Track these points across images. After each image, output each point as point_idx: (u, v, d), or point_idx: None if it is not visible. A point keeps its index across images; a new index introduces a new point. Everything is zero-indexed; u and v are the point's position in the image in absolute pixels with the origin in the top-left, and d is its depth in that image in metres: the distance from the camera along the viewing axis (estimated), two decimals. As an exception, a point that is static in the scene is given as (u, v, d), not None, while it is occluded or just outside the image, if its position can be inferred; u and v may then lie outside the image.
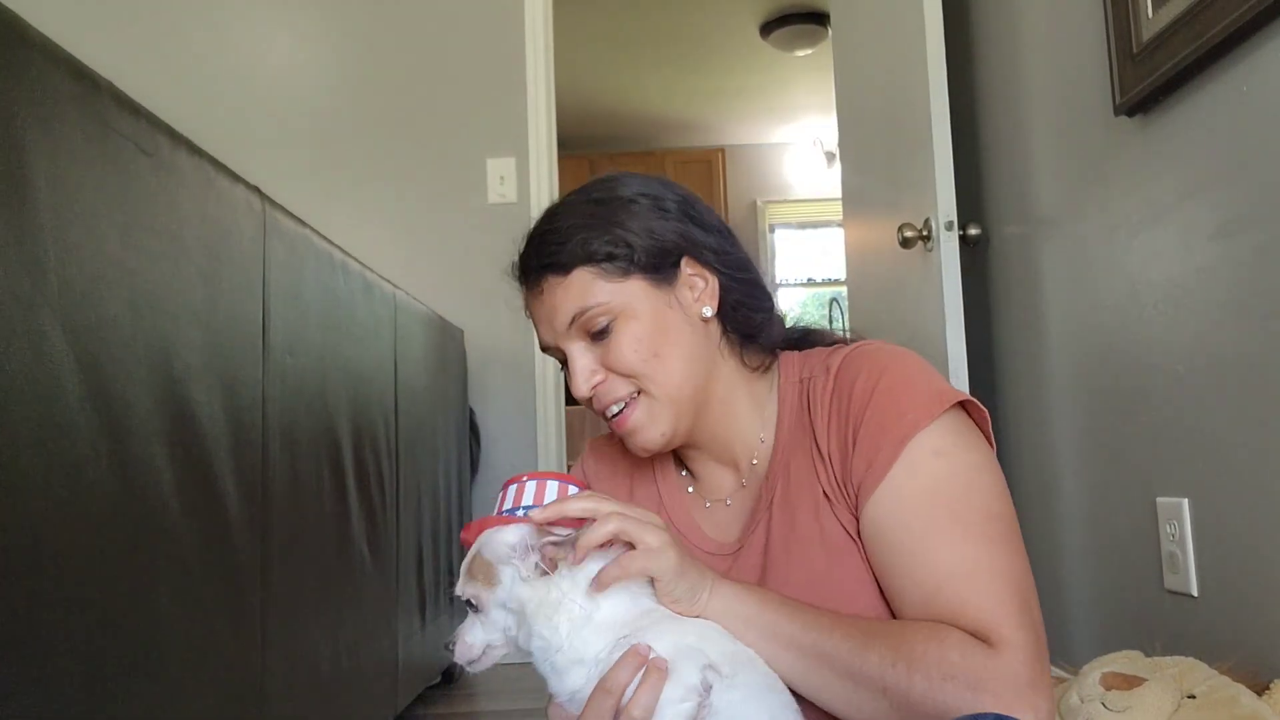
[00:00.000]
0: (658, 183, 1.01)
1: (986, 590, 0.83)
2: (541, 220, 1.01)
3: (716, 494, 1.04)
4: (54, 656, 0.81)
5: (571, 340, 0.96)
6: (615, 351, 0.94)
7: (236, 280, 1.21)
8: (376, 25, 3.29)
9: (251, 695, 1.22)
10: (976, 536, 0.85)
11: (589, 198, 0.99)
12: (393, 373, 2.01)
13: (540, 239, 0.98)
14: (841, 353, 0.98)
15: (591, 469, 1.13)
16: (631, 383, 0.95)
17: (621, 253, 0.94)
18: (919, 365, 0.95)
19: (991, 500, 0.88)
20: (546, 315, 0.96)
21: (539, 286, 0.97)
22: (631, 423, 0.96)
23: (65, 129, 0.86)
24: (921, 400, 0.90)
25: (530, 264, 0.98)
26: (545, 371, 3.14)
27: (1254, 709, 1.12)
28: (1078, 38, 1.88)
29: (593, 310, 0.93)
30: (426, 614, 2.27)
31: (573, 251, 0.94)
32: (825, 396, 0.95)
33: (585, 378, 0.95)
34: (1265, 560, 1.40)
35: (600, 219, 0.95)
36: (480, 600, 0.83)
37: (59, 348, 0.82)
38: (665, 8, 4.84)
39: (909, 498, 0.87)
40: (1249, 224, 1.42)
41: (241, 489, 1.19)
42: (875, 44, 2.55)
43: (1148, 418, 1.69)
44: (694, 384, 0.97)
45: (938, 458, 0.88)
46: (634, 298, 0.94)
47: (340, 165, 3.23)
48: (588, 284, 0.94)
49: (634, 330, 0.94)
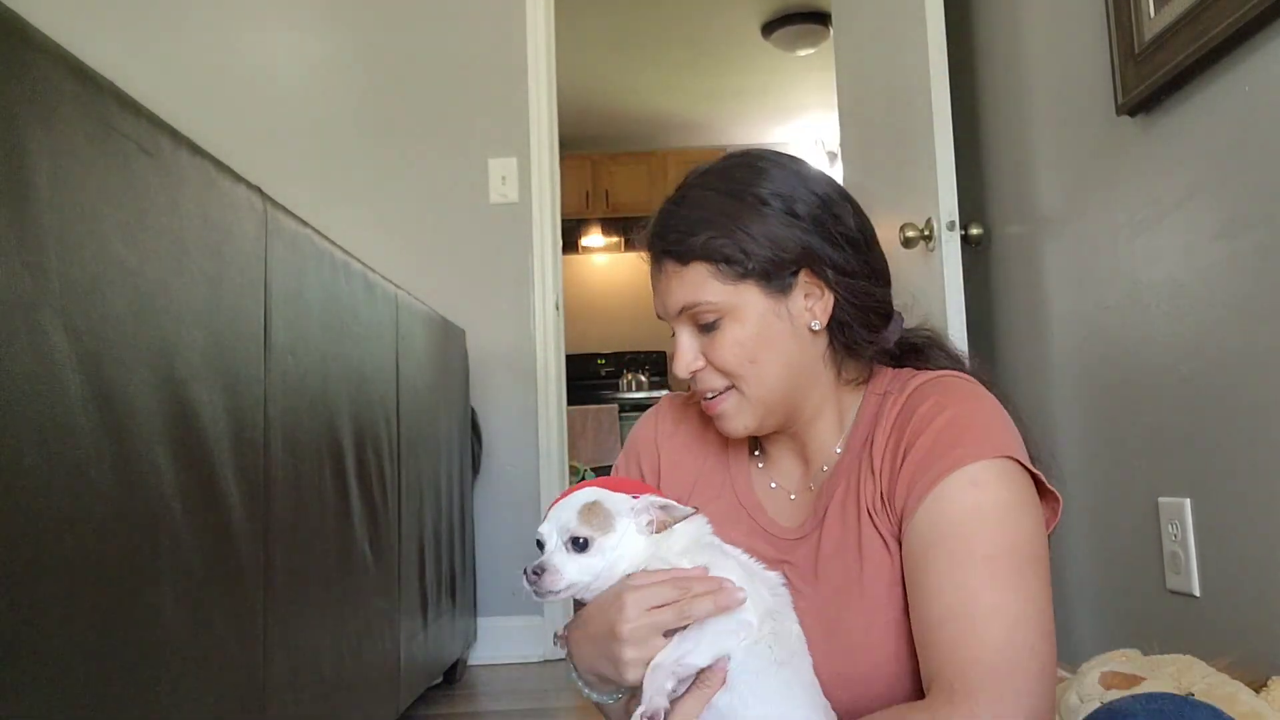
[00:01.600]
0: (799, 180, 0.98)
1: (980, 638, 0.81)
2: (674, 197, 1.01)
3: (783, 480, 1.06)
4: (56, 657, 0.81)
5: (680, 323, 0.98)
6: (717, 350, 0.96)
7: (238, 280, 1.21)
8: (378, 25, 3.30)
9: (253, 695, 1.22)
10: (989, 574, 0.83)
11: (725, 188, 0.98)
12: (394, 373, 2.01)
13: (667, 220, 0.99)
14: (925, 376, 0.98)
15: (666, 429, 1.14)
16: (727, 379, 0.97)
17: (740, 258, 0.94)
18: (994, 412, 0.94)
19: (1021, 540, 0.86)
20: (661, 293, 0.99)
21: (659, 265, 0.99)
22: (720, 410, 0.99)
23: (67, 129, 0.86)
24: (979, 440, 0.89)
25: (654, 241, 1.00)
26: (546, 372, 3.14)
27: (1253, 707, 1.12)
28: (1079, 37, 1.88)
29: (702, 306, 0.95)
30: (428, 614, 2.27)
31: (693, 246, 0.95)
32: (892, 413, 0.96)
33: (686, 363, 0.98)
34: (1268, 560, 1.40)
35: (728, 217, 0.95)
36: (592, 542, 0.89)
37: (61, 348, 0.83)
38: (667, 8, 4.84)
39: (937, 525, 0.87)
40: (1251, 224, 1.42)
41: (243, 489, 1.19)
42: (877, 44, 2.55)
43: (1150, 418, 1.69)
44: (787, 391, 0.98)
45: (973, 488, 0.87)
46: (744, 302, 0.95)
47: (342, 165, 3.23)
48: (702, 280, 0.95)
49: (738, 334, 0.95)
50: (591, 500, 0.90)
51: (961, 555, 0.84)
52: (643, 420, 1.17)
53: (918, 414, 0.93)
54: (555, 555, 0.89)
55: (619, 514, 0.90)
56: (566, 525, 0.89)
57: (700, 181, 1.00)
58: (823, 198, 0.98)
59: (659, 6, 4.83)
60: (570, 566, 0.89)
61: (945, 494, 0.87)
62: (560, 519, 0.90)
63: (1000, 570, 0.83)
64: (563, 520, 0.90)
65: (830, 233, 0.97)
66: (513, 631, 3.00)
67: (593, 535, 0.89)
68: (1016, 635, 0.81)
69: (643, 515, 0.91)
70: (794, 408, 1.00)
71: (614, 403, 5.91)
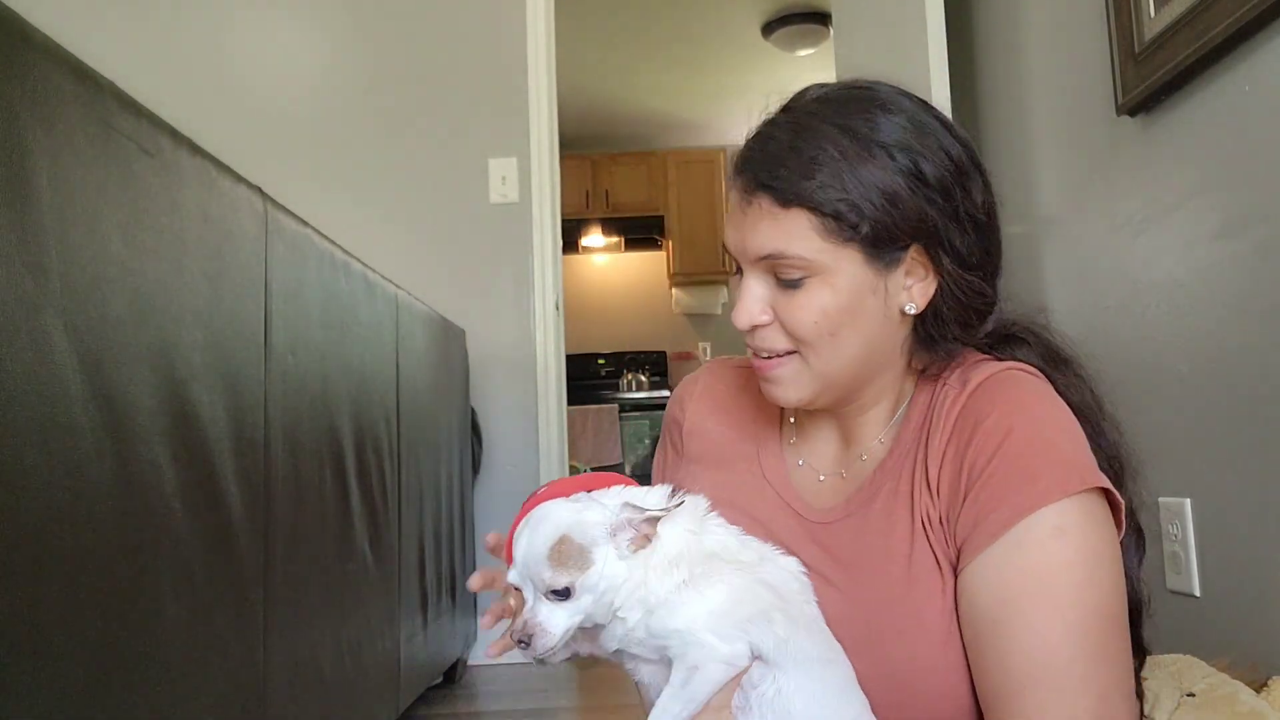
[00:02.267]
0: (931, 133, 0.84)
1: (1064, 706, 0.75)
2: (784, 121, 0.86)
3: (813, 459, 0.97)
4: (57, 657, 0.81)
5: (754, 269, 0.86)
6: (794, 311, 0.84)
7: (238, 280, 1.21)
8: (379, 25, 3.30)
9: (253, 695, 1.22)
10: (1080, 638, 0.76)
11: (844, 122, 0.83)
12: (394, 373, 2.01)
13: (771, 149, 0.84)
14: (985, 370, 0.87)
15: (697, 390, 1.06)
16: (793, 344, 0.86)
17: (851, 217, 0.81)
18: (1063, 423, 0.84)
19: (1105, 599, 0.78)
20: (742, 229, 0.85)
21: (748, 197, 0.84)
22: (774, 374, 0.88)
23: (67, 129, 0.86)
24: (1056, 470, 0.79)
25: (749, 168, 0.85)
26: (547, 371, 3.14)
27: (1253, 706, 1.12)
28: (1079, 37, 1.88)
29: (792, 260, 0.82)
30: (428, 614, 2.27)
31: (802, 190, 0.81)
32: (949, 418, 0.86)
33: (750, 314, 0.86)
34: (1268, 560, 1.40)
35: (847, 164, 0.81)
36: (572, 587, 0.78)
37: (61, 348, 0.83)
38: (667, 8, 4.84)
39: (1015, 573, 0.78)
40: (1251, 223, 1.42)
41: (244, 489, 1.19)
42: (877, 44, 2.55)
43: (1150, 417, 1.69)
44: (856, 373, 0.88)
45: (1059, 536, 0.78)
46: (841, 267, 0.82)
47: (342, 165, 3.23)
48: (801, 231, 0.82)
49: (824, 300, 0.83)
50: (558, 537, 0.79)
51: (1048, 616, 0.77)
52: (686, 379, 1.09)
53: (982, 428, 0.83)
54: (539, 611, 0.79)
55: (594, 544, 0.79)
56: (540, 576, 0.78)
57: (818, 110, 0.85)
58: (956, 162, 0.84)
59: (659, 6, 4.82)
60: (557, 617, 0.78)
61: (1026, 541, 0.78)
62: (530, 568, 0.79)
63: (1091, 636, 0.77)
64: (533, 570, 0.79)
65: (956, 207, 0.84)
66: (513, 631, 3.00)
67: (571, 580, 0.78)
68: (1105, 709, 0.76)
69: (622, 534, 0.79)
70: (854, 390, 0.90)
71: (614, 403, 5.91)
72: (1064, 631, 0.76)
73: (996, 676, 0.78)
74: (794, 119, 0.85)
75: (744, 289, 0.86)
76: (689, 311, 6.77)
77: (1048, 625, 0.77)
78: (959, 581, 0.82)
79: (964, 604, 0.81)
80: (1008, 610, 0.78)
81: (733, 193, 0.87)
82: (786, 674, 0.80)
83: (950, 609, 0.82)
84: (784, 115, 0.87)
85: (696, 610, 0.79)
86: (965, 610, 0.81)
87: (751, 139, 0.87)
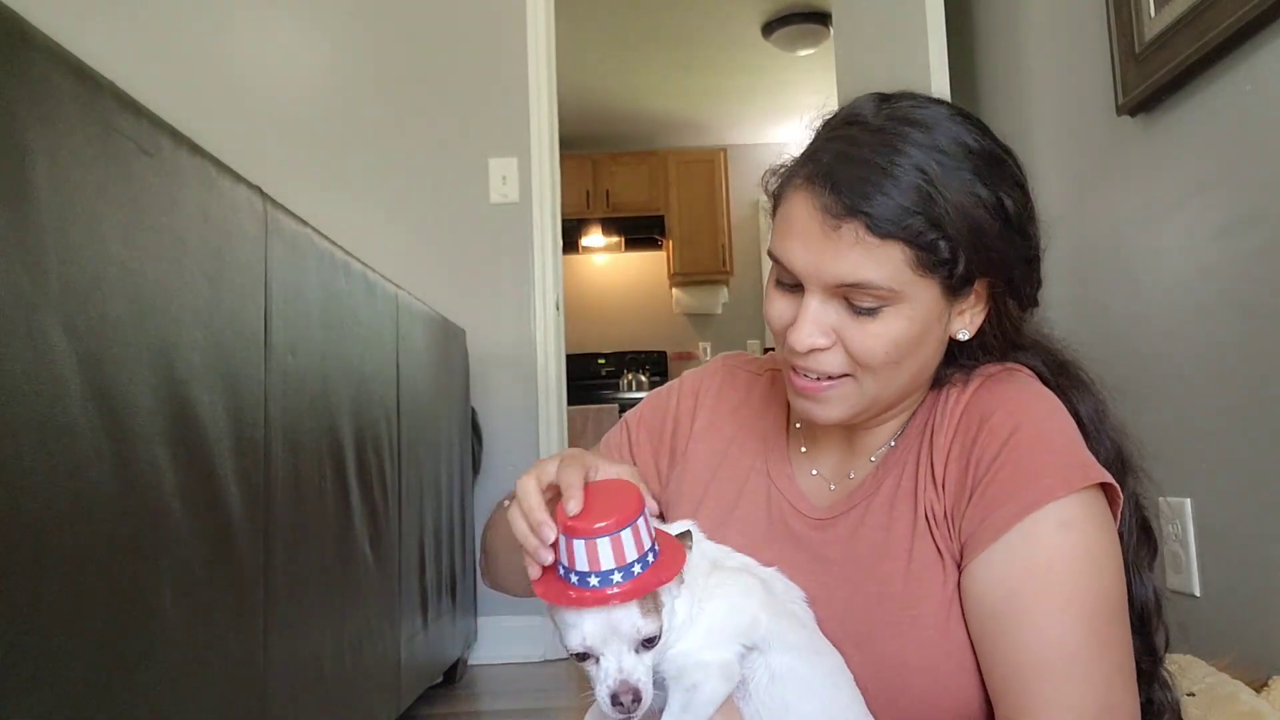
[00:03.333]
0: (1003, 163, 0.83)
1: (1079, 697, 0.76)
2: (864, 138, 0.81)
3: (824, 469, 0.97)
4: (57, 657, 0.81)
5: (822, 292, 0.82)
6: (865, 339, 0.81)
7: (238, 280, 1.21)
8: (379, 25, 3.30)
9: (254, 695, 1.22)
10: (1085, 629, 0.78)
11: (934, 147, 0.79)
12: (395, 373, 2.01)
13: (860, 171, 0.79)
14: (988, 370, 0.89)
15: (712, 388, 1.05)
16: (852, 368, 0.83)
17: (945, 253, 0.79)
18: (1061, 422, 0.85)
19: (1108, 589, 0.80)
20: (824, 253, 0.80)
21: (839, 222, 0.78)
22: (823, 397, 0.85)
23: (67, 129, 0.86)
24: (1060, 467, 0.81)
25: (839, 191, 0.79)
26: (547, 371, 3.14)
27: (1254, 706, 1.12)
28: (1080, 37, 1.88)
29: (877, 290, 0.79)
30: (429, 614, 2.27)
31: (902, 220, 0.77)
32: (953, 417, 0.87)
33: (811, 337, 0.82)
34: (1268, 560, 1.40)
35: (940, 192, 0.78)
36: (657, 635, 0.75)
37: (61, 348, 0.83)
38: (667, 8, 4.84)
39: (1022, 568, 0.79)
40: (1252, 223, 1.41)
41: (244, 489, 1.19)
42: (877, 44, 2.55)
43: (1150, 417, 1.69)
44: (902, 395, 0.88)
45: (1063, 531, 0.79)
46: (920, 296, 0.81)
47: (342, 165, 3.23)
48: (893, 263, 0.78)
49: (898, 330, 0.81)
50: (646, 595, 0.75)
51: (1056, 606, 0.78)
52: (694, 372, 1.08)
53: (987, 426, 0.84)
54: (635, 670, 0.73)
55: (665, 589, 0.76)
56: (633, 627, 0.74)
57: (903, 131, 0.81)
58: (1024, 192, 0.84)
59: (659, 6, 4.82)
60: (643, 670, 0.74)
61: (1033, 534, 0.79)
62: (618, 623, 0.74)
63: (1097, 625, 0.79)
64: (624, 624, 0.74)
65: (1021, 243, 0.85)
66: (513, 631, 3.00)
67: (658, 625, 0.75)
68: (1112, 695, 0.78)
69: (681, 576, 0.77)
70: (889, 408, 0.89)
71: (614, 403, 5.91)
72: (1071, 622, 0.78)
73: (1005, 668, 0.79)
74: (881, 139, 0.81)
75: (806, 311, 0.82)
76: (689, 311, 6.77)
77: (1055, 617, 0.78)
78: (964, 576, 0.83)
79: (971, 598, 0.82)
80: (1015, 603, 0.79)
81: (803, 208, 0.81)
82: (776, 656, 0.80)
83: (949, 602, 0.83)
84: (866, 133, 0.82)
85: (698, 630, 0.79)
86: (972, 604, 0.82)
87: (831, 156, 0.81)
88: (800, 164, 0.85)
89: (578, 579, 0.74)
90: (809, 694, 0.81)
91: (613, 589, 0.73)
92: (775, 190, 0.89)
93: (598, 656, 0.75)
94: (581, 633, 0.74)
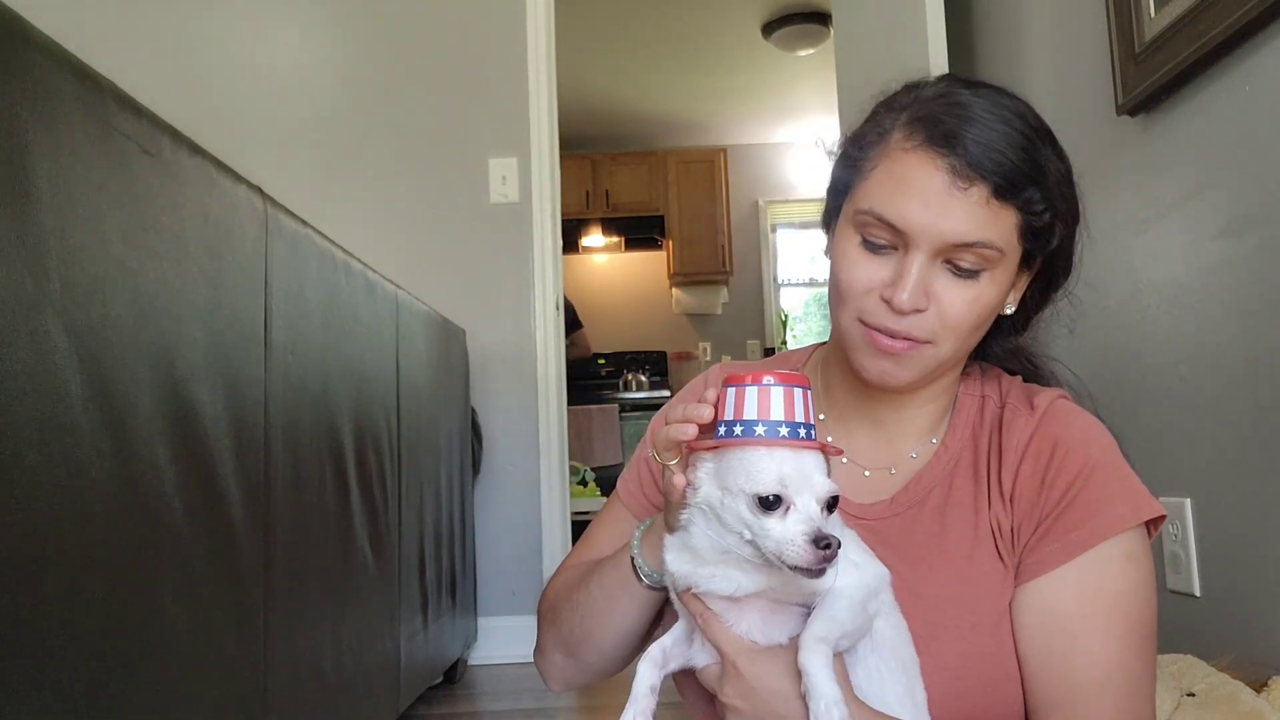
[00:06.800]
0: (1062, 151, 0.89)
1: (1126, 713, 0.83)
2: (980, 104, 0.84)
3: (856, 456, 0.97)
4: (57, 657, 0.81)
5: (929, 252, 0.83)
6: (958, 304, 0.84)
7: (239, 280, 1.21)
8: (379, 25, 3.30)
9: (254, 695, 1.22)
10: (1137, 655, 0.85)
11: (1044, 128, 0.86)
12: (395, 372, 2.01)
13: (983, 135, 0.82)
14: (1046, 395, 0.93)
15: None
16: (935, 334, 0.85)
17: (1043, 228, 0.84)
18: (1118, 451, 0.91)
19: (1153, 617, 0.87)
20: (947, 211, 0.81)
21: (965, 181, 0.81)
22: (906, 359, 0.86)
23: (67, 129, 0.86)
24: (1130, 496, 0.87)
25: (967, 152, 0.81)
26: (547, 371, 3.14)
27: (1254, 706, 1.12)
28: (1080, 37, 1.88)
29: (990, 250, 0.82)
30: (428, 614, 2.27)
31: (1024, 190, 0.82)
32: (1023, 436, 0.90)
33: (914, 298, 0.82)
34: (1268, 560, 1.40)
35: (1056, 170, 0.85)
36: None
37: (61, 348, 0.83)
38: (667, 8, 4.84)
39: (1092, 590, 0.85)
40: (1252, 223, 1.42)
41: (244, 489, 1.19)
42: (877, 43, 2.55)
43: (1150, 417, 1.69)
44: (953, 363, 0.91)
45: (1129, 561, 0.85)
46: (1009, 266, 0.86)
47: (342, 165, 3.23)
48: (1007, 227, 0.83)
49: (990, 296, 0.85)
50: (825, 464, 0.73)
51: (1122, 630, 0.84)
52: (695, 381, 1.07)
53: (1060, 452, 0.88)
54: (831, 523, 0.71)
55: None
56: (826, 484, 0.71)
57: (1017, 109, 0.85)
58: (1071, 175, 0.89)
59: (659, 6, 4.83)
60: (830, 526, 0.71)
61: (1102, 559, 0.85)
62: (808, 475, 0.70)
63: (1145, 649, 0.86)
64: (814, 479, 0.70)
65: (1076, 219, 0.89)
66: (513, 631, 3.00)
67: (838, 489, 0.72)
68: (1149, 711, 0.86)
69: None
70: (936, 379, 0.92)
71: (614, 403, 5.91)
72: (1130, 644, 0.84)
73: (1060, 684, 0.84)
74: (1024, 116, 0.85)
75: (913, 269, 0.82)
76: (689, 311, 6.78)
77: (1118, 641, 0.84)
78: (1029, 588, 0.87)
79: (1035, 611, 0.86)
80: (1082, 623, 0.84)
81: (924, 168, 0.82)
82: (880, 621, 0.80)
83: (1005, 608, 0.87)
84: (1001, 111, 0.84)
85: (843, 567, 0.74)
86: (1035, 616, 0.86)
87: (953, 120, 0.82)
88: (909, 126, 0.85)
89: (765, 429, 0.70)
90: (900, 670, 0.81)
91: (803, 440, 0.70)
92: (867, 154, 0.88)
93: (790, 504, 0.69)
94: (779, 474, 0.70)
